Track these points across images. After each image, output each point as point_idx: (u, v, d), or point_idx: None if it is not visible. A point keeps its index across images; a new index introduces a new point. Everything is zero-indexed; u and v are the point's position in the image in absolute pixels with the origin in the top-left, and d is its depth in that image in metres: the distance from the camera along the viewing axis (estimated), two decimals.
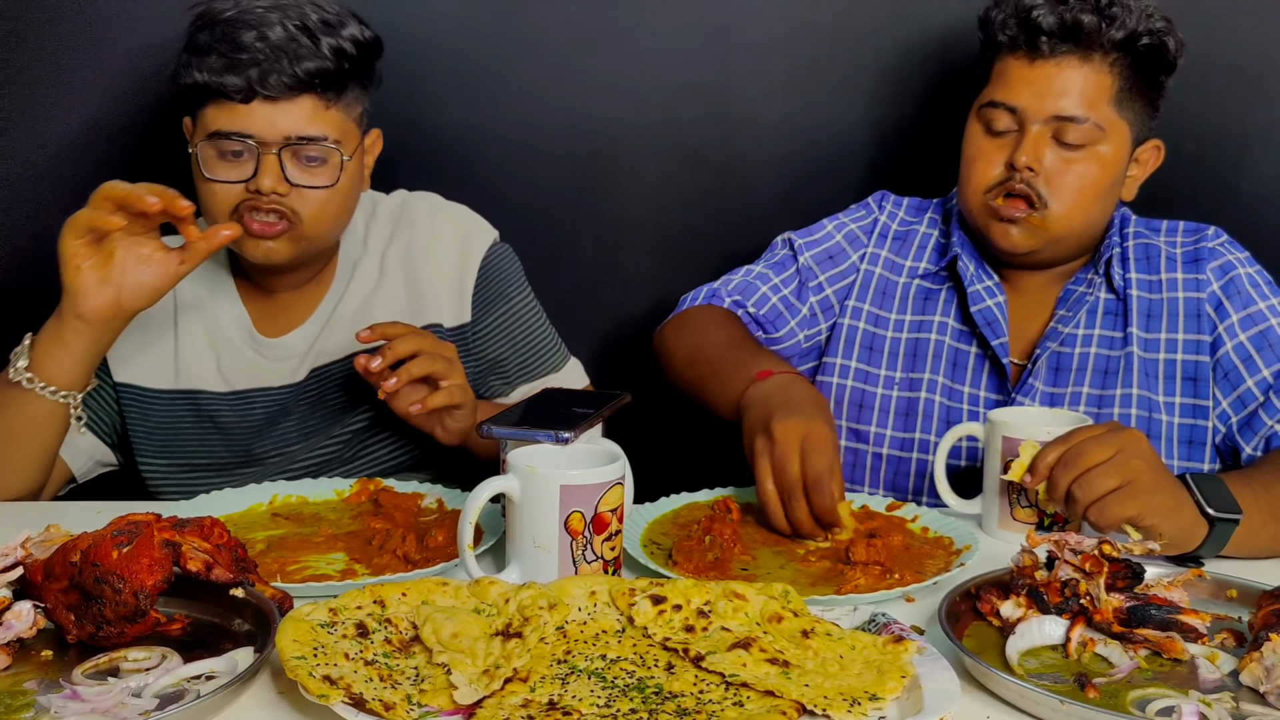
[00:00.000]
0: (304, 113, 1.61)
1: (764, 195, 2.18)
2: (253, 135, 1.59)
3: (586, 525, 1.23)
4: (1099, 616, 1.16)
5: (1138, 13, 1.68)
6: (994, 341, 1.77)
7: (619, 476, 1.26)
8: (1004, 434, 1.48)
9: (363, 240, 1.83)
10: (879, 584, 1.30)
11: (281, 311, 1.79)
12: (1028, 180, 1.68)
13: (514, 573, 1.25)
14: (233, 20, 1.60)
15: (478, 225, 1.87)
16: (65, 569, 1.11)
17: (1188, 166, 2.09)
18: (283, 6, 1.61)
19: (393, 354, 1.55)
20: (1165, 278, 1.77)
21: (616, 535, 1.27)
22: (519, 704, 1.01)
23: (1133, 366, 1.74)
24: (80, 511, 1.48)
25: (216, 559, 1.15)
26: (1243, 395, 1.69)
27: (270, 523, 1.50)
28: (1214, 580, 1.27)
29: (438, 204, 1.88)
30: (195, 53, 1.60)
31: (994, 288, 1.80)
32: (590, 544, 1.24)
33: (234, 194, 1.62)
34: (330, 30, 1.63)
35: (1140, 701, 1.05)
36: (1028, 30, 1.68)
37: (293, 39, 1.59)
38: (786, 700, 1.01)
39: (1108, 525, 1.31)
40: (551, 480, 1.22)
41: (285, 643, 1.04)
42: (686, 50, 2.13)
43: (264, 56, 1.57)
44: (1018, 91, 1.69)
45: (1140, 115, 1.73)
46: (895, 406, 1.83)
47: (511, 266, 1.88)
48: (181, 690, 1.04)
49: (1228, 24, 2.06)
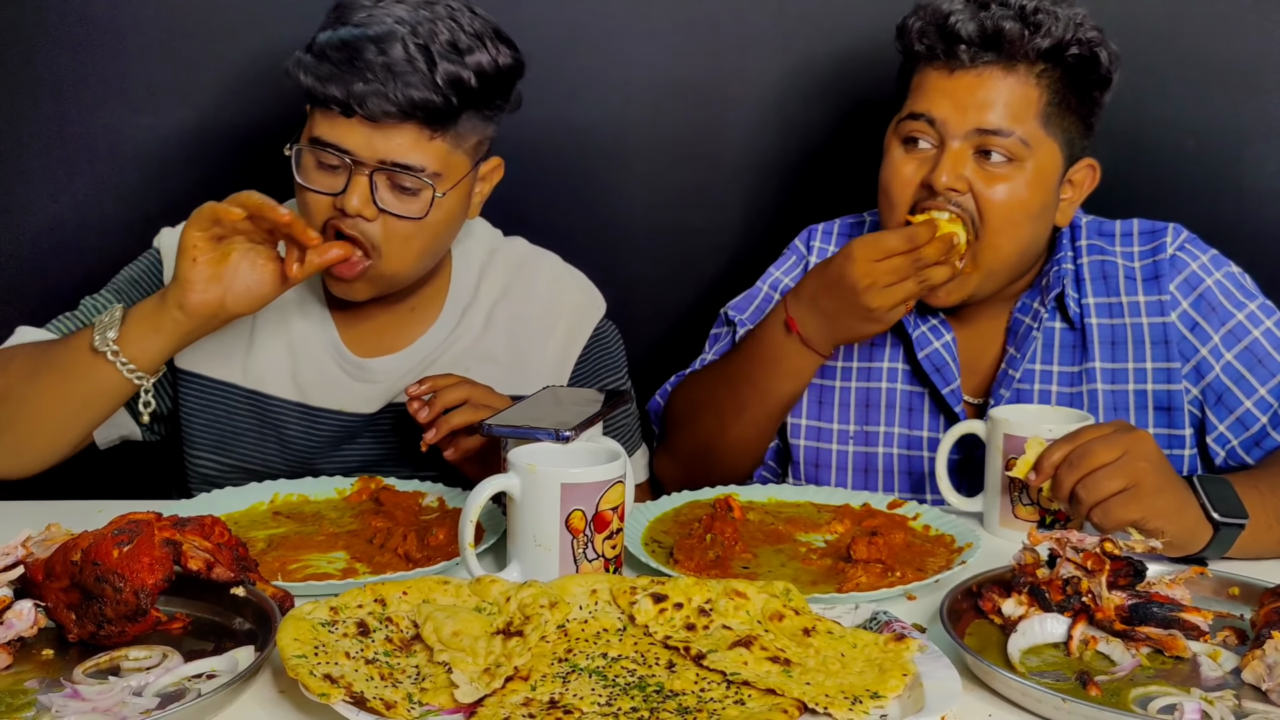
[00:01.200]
0: (405, 140, 1.53)
1: (756, 192, 2.18)
2: (350, 151, 1.53)
3: (588, 523, 1.23)
4: (1101, 614, 1.16)
5: (1066, 21, 1.57)
6: (944, 389, 1.71)
7: (620, 475, 1.25)
8: (1005, 431, 1.48)
9: (475, 286, 1.76)
10: (880, 582, 1.29)
11: (374, 333, 1.72)
12: (953, 201, 1.58)
13: (515, 571, 1.25)
14: (359, 25, 1.52)
15: (593, 299, 1.82)
16: (66, 568, 1.11)
17: (1188, 164, 2.08)
18: (418, 21, 1.52)
19: (440, 404, 1.51)
20: (1126, 300, 1.68)
21: (618, 534, 1.27)
22: (520, 702, 1.01)
23: (1097, 401, 1.68)
24: (81, 510, 1.48)
25: (217, 558, 1.15)
26: (1243, 417, 1.63)
27: (271, 521, 1.50)
28: (1216, 578, 1.27)
29: (558, 270, 1.82)
30: (311, 53, 1.54)
31: (939, 327, 1.73)
32: (591, 542, 1.24)
33: (324, 206, 1.56)
34: (455, 56, 1.52)
35: (1142, 699, 1.05)
36: (946, 38, 1.58)
37: (409, 61, 1.50)
38: (788, 698, 1.01)
39: (1111, 527, 1.31)
40: (552, 479, 1.22)
41: (286, 641, 1.04)
42: (677, 48, 2.13)
43: (371, 76, 1.49)
44: (937, 103, 1.59)
45: (1072, 133, 1.63)
46: (853, 463, 1.78)
47: (615, 345, 1.84)
48: (182, 689, 1.04)
49: (1227, 21, 2.05)
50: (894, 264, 1.54)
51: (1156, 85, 2.00)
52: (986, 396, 1.74)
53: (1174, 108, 2.07)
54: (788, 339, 1.64)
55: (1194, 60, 2.06)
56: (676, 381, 1.86)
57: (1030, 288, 1.74)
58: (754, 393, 1.68)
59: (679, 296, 2.21)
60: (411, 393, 1.53)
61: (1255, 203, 2.08)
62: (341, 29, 1.53)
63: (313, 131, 1.56)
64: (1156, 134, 2.07)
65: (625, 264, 2.17)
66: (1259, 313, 1.65)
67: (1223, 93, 2.07)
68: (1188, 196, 2.07)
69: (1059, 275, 1.70)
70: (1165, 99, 2.04)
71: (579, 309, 1.80)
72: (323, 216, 1.56)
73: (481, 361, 1.73)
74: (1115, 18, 1.63)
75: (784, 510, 1.55)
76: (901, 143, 1.65)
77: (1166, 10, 2.04)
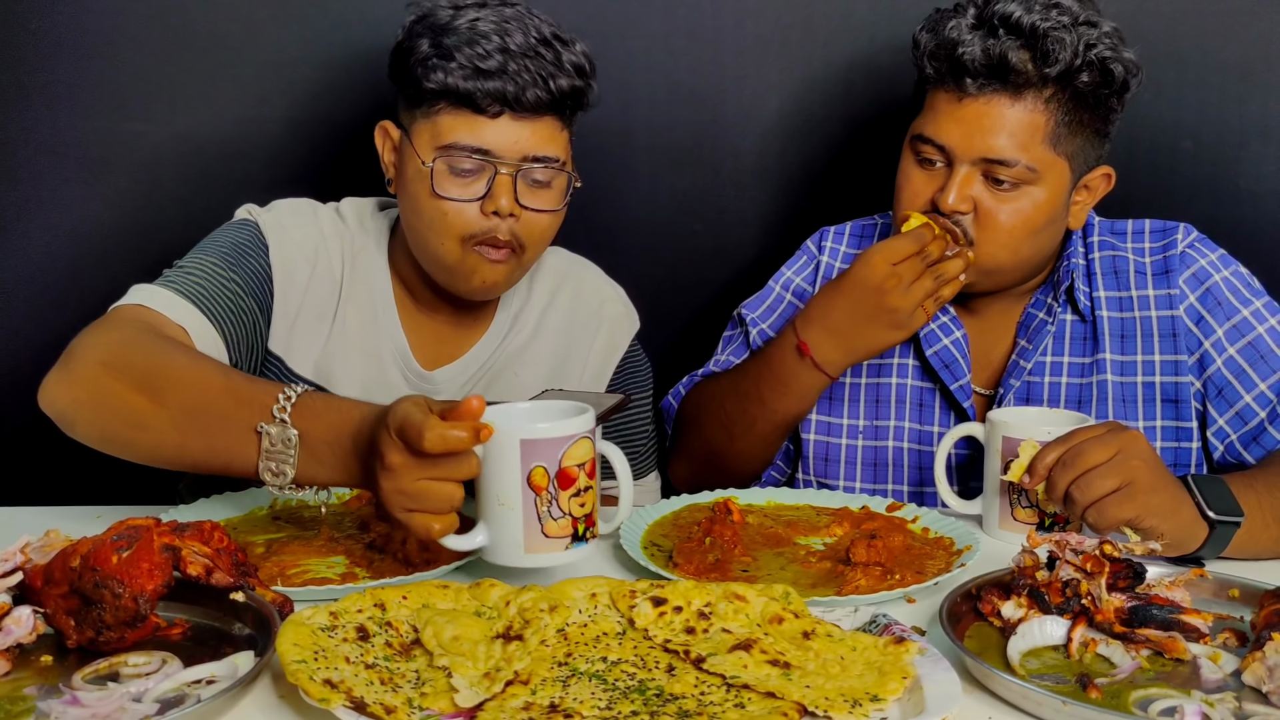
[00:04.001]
0: (546, 132, 1.55)
1: (757, 194, 2.18)
2: (490, 151, 1.53)
3: (551, 481, 1.21)
4: (1100, 617, 1.16)
5: (1074, 45, 1.55)
6: (953, 385, 1.73)
7: (584, 430, 1.23)
8: (1004, 434, 1.48)
9: (527, 289, 1.77)
10: (880, 585, 1.29)
11: (438, 341, 1.73)
12: (954, 219, 1.61)
13: (481, 533, 1.24)
14: (479, 24, 1.51)
15: (631, 313, 1.84)
16: (65, 574, 1.11)
17: (1185, 164, 2.09)
18: (519, 16, 1.53)
19: None
20: (1136, 294, 1.71)
21: (586, 491, 1.24)
22: (520, 706, 1.01)
23: (1107, 393, 1.69)
24: (80, 516, 1.48)
25: (216, 563, 1.15)
26: (1241, 412, 1.64)
27: (271, 526, 1.49)
28: (1216, 580, 1.27)
29: (601, 280, 1.84)
30: (439, 56, 1.51)
31: (949, 324, 1.75)
32: (556, 500, 1.22)
33: (468, 219, 1.55)
34: (566, 45, 1.55)
35: (1143, 701, 1.05)
36: (954, 68, 1.59)
37: (536, 51, 1.51)
38: (788, 701, 1.01)
39: (1106, 527, 1.31)
40: (511, 435, 1.20)
41: (286, 646, 1.03)
42: (677, 51, 2.13)
43: (515, 68, 1.49)
44: (946, 129, 1.61)
45: (1085, 146, 1.63)
46: (862, 457, 1.79)
47: (643, 363, 1.86)
48: (182, 695, 1.04)
49: (1224, 21, 2.05)
50: (911, 264, 1.58)
51: (1154, 87, 1.98)
52: (998, 388, 1.75)
53: (1172, 109, 2.07)
54: (799, 362, 1.65)
55: (1192, 62, 2.06)
56: (689, 384, 1.86)
57: (1044, 284, 1.75)
58: (762, 411, 1.70)
59: (688, 300, 2.22)
60: None
61: (1252, 203, 2.08)
62: (450, 32, 1.51)
63: (443, 138, 1.54)
64: (1154, 135, 2.07)
65: (626, 265, 2.17)
66: (1264, 310, 1.67)
67: (1220, 94, 2.07)
68: (1186, 197, 2.08)
69: (1069, 270, 1.72)
70: (1163, 101, 2.05)
71: (618, 320, 1.83)
72: (467, 230, 1.55)
73: (529, 366, 1.75)
74: (1113, 21, 1.63)
75: (783, 513, 1.55)
76: (914, 157, 1.67)
77: (1164, 12, 2.04)
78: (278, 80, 2.08)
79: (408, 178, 1.59)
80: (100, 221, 2.09)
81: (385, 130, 1.63)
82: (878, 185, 2.00)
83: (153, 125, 2.08)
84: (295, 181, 2.07)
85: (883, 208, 1.86)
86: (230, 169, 2.09)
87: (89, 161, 2.08)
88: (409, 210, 1.61)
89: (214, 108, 2.08)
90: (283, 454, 1.27)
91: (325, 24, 2.07)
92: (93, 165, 2.08)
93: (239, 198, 1.72)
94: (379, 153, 1.65)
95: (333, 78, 2.08)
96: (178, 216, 2.07)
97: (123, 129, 2.07)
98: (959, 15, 1.61)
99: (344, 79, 2.07)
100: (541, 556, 1.23)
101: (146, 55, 2.05)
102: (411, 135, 1.58)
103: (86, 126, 2.06)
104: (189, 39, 2.05)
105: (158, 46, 2.05)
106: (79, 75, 2.05)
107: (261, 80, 2.08)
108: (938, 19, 1.63)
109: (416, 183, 1.57)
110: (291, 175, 2.09)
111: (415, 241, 1.63)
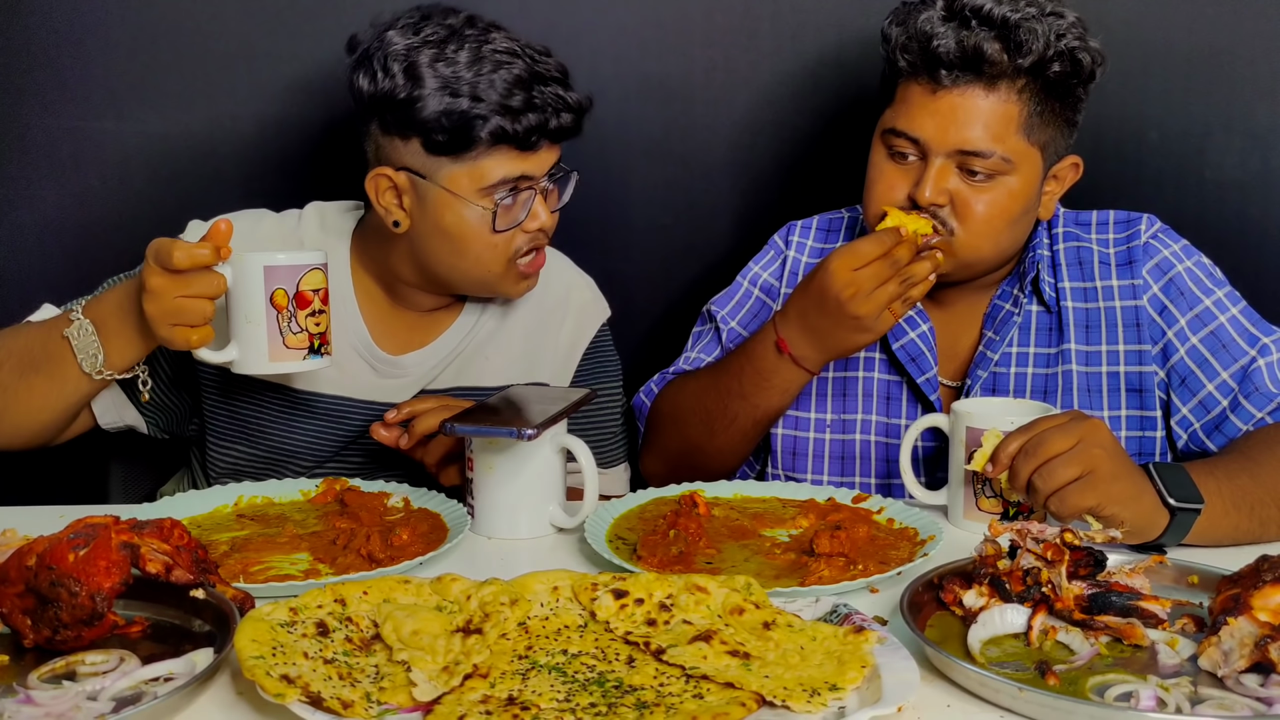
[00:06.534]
0: (553, 157, 1.64)
1: (726, 188, 2.18)
2: (533, 177, 1.61)
3: (290, 301, 1.45)
4: (1060, 604, 1.16)
5: (1045, 35, 1.56)
6: (920, 378, 1.74)
7: (317, 263, 1.48)
8: (968, 424, 1.49)
9: None
10: (843, 575, 1.29)
11: (408, 329, 1.76)
12: (932, 211, 1.61)
13: (233, 350, 1.47)
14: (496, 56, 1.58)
15: (599, 301, 1.88)
16: (21, 573, 1.10)
17: (1150, 156, 2.10)
18: (525, 49, 1.61)
19: (415, 435, 1.56)
20: (1100, 285, 1.71)
21: (321, 314, 1.49)
22: (478, 700, 1.00)
23: (1072, 383, 1.70)
24: (41, 516, 1.47)
25: (176, 560, 1.14)
26: (1204, 400, 1.65)
27: (235, 524, 1.49)
28: (1176, 566, 1.27)
29: (570, 270, 1.88)
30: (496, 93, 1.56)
31: (916, 318, 1.75)
32: (295, 317, 1.46)
33: (518, 242, 1.63)
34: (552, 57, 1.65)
35: (1099, 687, 1.05)
36: (928, 60, 1.58)
37: (549, 74, 1.61)
38: (746, 692, 1.01)
39: (1068, 515, 1.31)
40: (255, 262, 1.44)
41: (244, 642, 1.03)
42: (647, 44, 2.13)
43: (540, 100, 1.58)
44: (920, 122, 1.60)
45: (1055, 135, 1.64)
46: (830, 450, 1.80)
47: (611, 353, 1.90)
48: (139, 693, 1.03)
49: (1188, 14, 2.06)
50: (874, 269, 1.56)
51: (1119, 79, 2.00)
52: (964, 379, 1.75)
53: (1137, 101, 2.08)
54: (779, 359, 1.65)
55: (1157, 55, 2.07)
56: (661, 381, 1.86)
57: (1010, 275, 1.76)
58: (744, 406, 1.70)
59: (658, 295, 2.21)
60: (389, 419, 1.57)
61: (1216, 194, 2.10)
62: (499, 69, 1.57)
63: (487, 179, 1.58)
64: (1120, 127, 2.08)
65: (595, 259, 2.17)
66: (1225, 300, 1.68)
67: (1185, 87, 2.09)
68: (1151, 188, 2.09)
69: (1034, 261, 1.72)
70: (1128, 92, 2.06)
71: (586, 307, 1.86)
72: (516, 250, 1.64)
73: (500, 351, 1.78)
74: (1077, 12, 1.64)
75: (750, 506, 1.56)
76: (886, 150, 1.66)
77: (1129, 4, 2.05)
78: (249, 79, 2.07)
79: (445, 222, 1.60)
80: (69, 220, 2.08)
81: (387, 177, 1.61)
82: (848, 178, 2.01)
83: (122, 124, 2.07)
84: (265, 180, 2.06)
85: (853, 201, 1.86)
86: (200, 168, 2.08)
87: (58, 160, 2.07)
88: (446, 250, 1.63)
89: (184, 106, 2.07)
90: (89, 343, 1.50)
91: (297, 22, 2.06)
92: (62, 164, 2.07)
93: (209, 196, 1.73)
94: (373, 199, 1.63)
95: (304, 77, 2.08)
96: (148, 215, 2.07)
97: (92, 127, 2.07)
98: (928, 8, 1.60)
99: (316, 78, 2.07)
100: (283, 364, 1.49)
101: (116, 54, 2.05)
102: (438, 179, 1.58)
103: (55, 125, 2.06)
104: (158, 37, 2.05)
105: (127, 45, 2.04)
106: (48, 74, 2.04)
107: (232, 79, 2.07)
108: (906, 12, 1.63)
109: (464, 224, 1.60)
110: (262, 174, 2.08)
111: (447, 270, 1.65)
